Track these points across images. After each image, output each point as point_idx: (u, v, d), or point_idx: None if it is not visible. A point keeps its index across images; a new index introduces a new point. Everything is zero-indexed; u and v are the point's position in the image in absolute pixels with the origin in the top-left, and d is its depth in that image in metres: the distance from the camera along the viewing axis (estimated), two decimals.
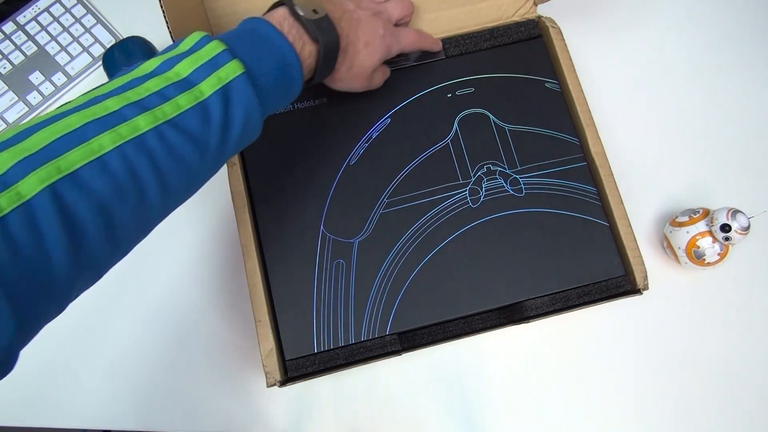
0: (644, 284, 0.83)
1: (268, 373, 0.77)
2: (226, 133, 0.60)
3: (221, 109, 0.59)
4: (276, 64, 0.65)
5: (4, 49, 1.02)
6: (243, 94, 0.61)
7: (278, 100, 0.67)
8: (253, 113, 0.62)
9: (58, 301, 0.52)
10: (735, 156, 0.99)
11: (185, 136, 0.57)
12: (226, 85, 0.60)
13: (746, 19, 1.07)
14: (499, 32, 0.92)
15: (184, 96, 0.58)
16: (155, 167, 0.55)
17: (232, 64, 0.61)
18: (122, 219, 0.53)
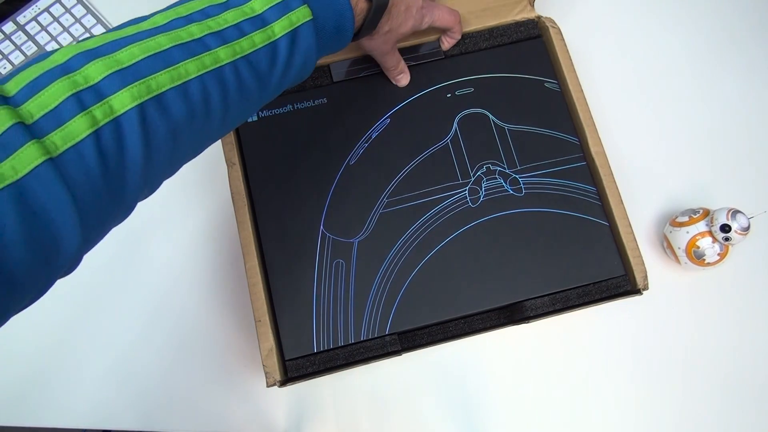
0: (644, 284, 0.82)
1: (267, 373, 0.77)
2: (285, 75, 0.63)
3: (287, 52, 0.62)
4: (335, 15, 0.67)
5: (4, 49, 1.02)
6: (308, 41, 0.63)
7: (331, 48, 0.70)
8: (310, 59, 0.65)
9: (123, 212, 0.54)
10: (735, 156, 0.99)
11: (255, 74, 0.59)
12: (295, 29, 0.62)
13: (746, 19, 1.07)
14: (499, 32, 0.92)
15: (259, 34, 0.60)
16: (225, 99, 0.57)
17: (303, 9, 0.63)
18: (186, 142, 0.56)
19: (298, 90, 0.89)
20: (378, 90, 0.88)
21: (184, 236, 0.94)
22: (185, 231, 0.94)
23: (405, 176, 0.86)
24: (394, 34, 0.81)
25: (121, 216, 0.54)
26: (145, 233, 0.94)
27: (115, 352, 0.90)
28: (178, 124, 0.53)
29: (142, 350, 0.90)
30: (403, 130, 0.88)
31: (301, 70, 0.65)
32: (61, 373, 0.89)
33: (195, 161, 0.97)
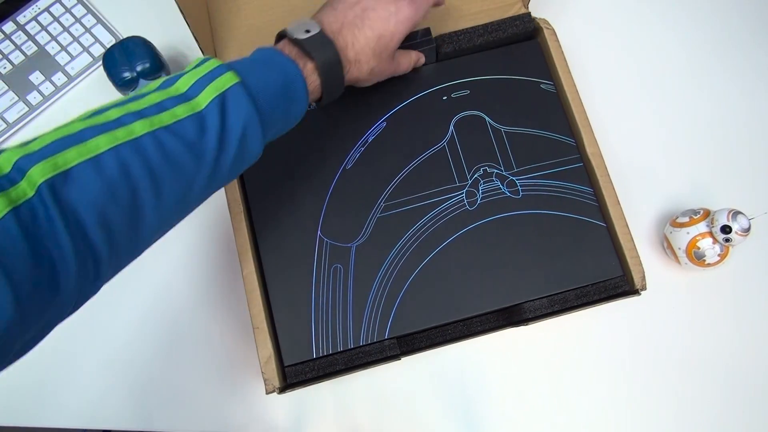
0: (642, 284, 0.82)
1: (267, 380, 0.78)
2: (223, 144, 0.61)
3: (218, 118, 0.60)
4: (276, 78, 0.66)
5: (4, 49, 1.03)
6: (239, 104, 0.61)
7: (280, 115, 0.67)
8: (251, 125, 0.62)
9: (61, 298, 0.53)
10: (736, 157, 0.99)
11: (181, 142, 0.58)
12: (222, 94, 0.61)
13: (746, 19, 1.06)
14: (494, 27, 0.92)
15: (182, 106, 0.59)
16: (149, 169, 0.55)
17: (228, 74, 0.62)
18: (116, 220, 0.54)
19: None
20: (374, 93, 0.88)
21: (181, 244, 0.94)
22: (182, 239, 0.94)
23: (402, 180, 0.86)
24: (382, 62, 0.80)
25: (60, 304, 0.53)
26: None
27: (113, 355, 0.91)
28: (98, 198, 0.52)
29: (141, 359, 0.91)
30: (400, 133, 0.88)
31: (244, 139, 0.62)
32: (61, 374, 0.90)
33: None
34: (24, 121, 1.00)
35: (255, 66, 0.66)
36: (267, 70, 0.66)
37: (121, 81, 0.90)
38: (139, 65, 0.90)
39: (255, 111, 0.62)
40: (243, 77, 0.63)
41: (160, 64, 0.92)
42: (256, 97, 0.63)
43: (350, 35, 0.74)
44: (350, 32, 0.74)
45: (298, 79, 0.68)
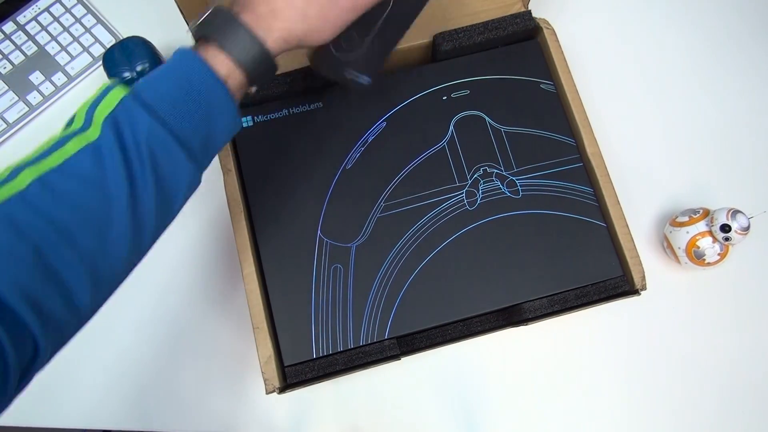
0: (642, 284, 0.82)
1: (267, 380, 0.78)
2: (129, 166, 0.54)
3: (113, 139, 0.54)
4: (175, 77, 0.59)
5: (4, 49, 1.03)
6: (132, 117, 0.55)
7: (200, 118, 0.59)
8: (156, 136, 0.56)
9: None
10: (735, 156, 0.99)
11: (76, 179, 0.53)
12: (112, 113, 0.55)
13: (745, 18, 1.07)
14: (494, 25, 0.91)
15: (74, 140, 0.54)
16: (47, 219, 0.51)
17: (115, 90, 0.56)
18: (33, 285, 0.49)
19: (293, 94, 0.89)
20: (374, 93, 0.88)
21: (181, 244, 0.94)
22: (182, 239, 0.95)
23: (402, 180, 0.86)
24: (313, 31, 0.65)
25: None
26: None
27: (114, 355, 0.91)
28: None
29: (141, 358, 0.91)
30: (400, 133, 0.88)
31: (154, 156, 0.55)
32: (61, 374, 0.90)
33: None
34: (24, 121, 1.00)
35: (153, 73, 0.59)
36: (164, 73, 0.59)
37: (121, 81, 0.90)
38: (139, 65, 0.90)
39: (156, 121, 0.55)
40: (136, 89, 0.57)
41: (160, 64, 0.92)
42: (154, 105, 0.56)
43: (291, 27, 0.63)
44: None
45: (201, 68, 0.59)
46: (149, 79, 0.58)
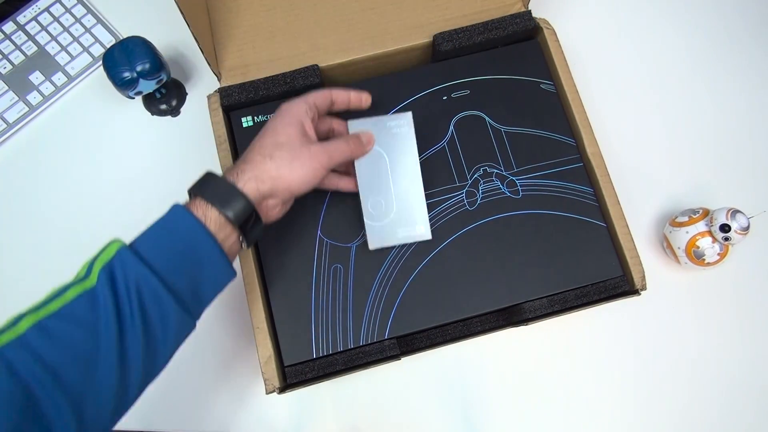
0: (642, 284, 0.82)
1: (267, 380, 0.78)
2: (120, 311, 0.60)
3: (108, 287, 0.59)
4: (171, 232, 0.66)
5: (4, 49, 1.03)
6: (126, 266, 0.61)
7: (189, 269, 0.65)
8: (146, 285, 0.61)
9: None
10: (735, 156, 0.99)
11: (71, 323, 0.58)
12: (109, 263, 0.61)
13: (746, 19, 1.07)
14: (494, 25, 0.92)
15: (74, 288, 0.60)
16: (40, 361, 0.55)
17: (113, 244, 0.63)
18: (16, 422, 0.53)
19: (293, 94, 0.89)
20: (374, 93, 0.88)
21: None
22: None
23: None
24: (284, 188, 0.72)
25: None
26: None
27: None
28: None
29: None
30: None
31: (144, 304, 0.61)
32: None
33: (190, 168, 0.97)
34: (24, 121, 1.00)
35: (150, 228, 0.66)
36: (157, 226, 0.66)
37: (121, 81, 0.90)
38: (139, 65, 0.90)
39: (148, 270, 0.61)
40: (133, 242, 0.64)
41: (160, 64, 0.92)
42: (148, 257, 0.62)
43: (270, 177, 0.71)
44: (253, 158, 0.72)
45: (188, 220, 0.66)
46: (145, 232, 0.66)
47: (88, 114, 1.02)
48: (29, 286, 0.94)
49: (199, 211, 0.66)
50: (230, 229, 0.68)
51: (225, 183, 0.68)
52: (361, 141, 0.79)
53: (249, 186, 0.69)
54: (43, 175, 0.99)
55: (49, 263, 0.95)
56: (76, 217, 0.97)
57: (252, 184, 0.69)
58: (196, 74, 1.04)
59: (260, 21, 0.93)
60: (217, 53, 0.91)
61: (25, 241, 0.96)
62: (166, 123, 1.01)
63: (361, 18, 0.93)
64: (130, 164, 0.99)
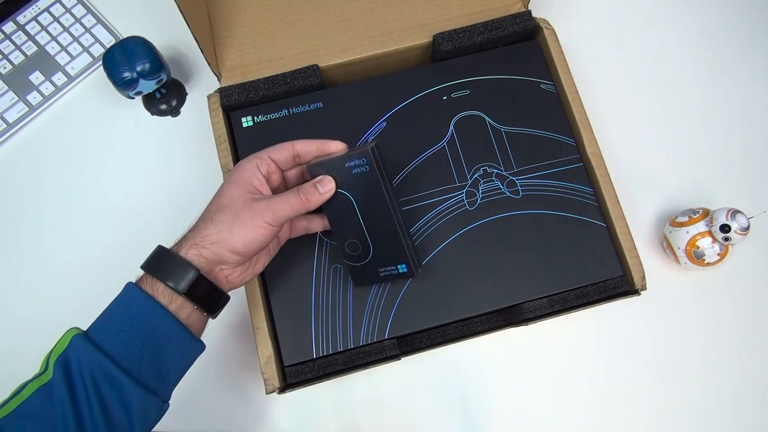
0: (642, 284, 0.82)
1: (267, 380, 0.78)
2: (75, 401, 0.59)
3: (62, 378, 0.59)
4: (119, 309, 0.65)
5: (4, 49, 1.03)
6: (78, 354, 0.60)
7: (151, 350, 0.64)
8: (100, 370, 0.60)
9: None
10: (735, 156, 0.99)
11: (27, 422, 0.57)
12: (63, 353, 0.61)
13: (745, 19, 1.07)
14: (494, 25, 0.92)
15: (31, 384, 0.60)
16: None
17: (67, 333, 0.63)
18: None
19: (293, 94, 0.89)
20: (374, 93, 0.88)
21: None
22: None
23: (402, 180, 0.86)
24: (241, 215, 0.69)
25: None
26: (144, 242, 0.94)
27: None
28: None
29: None
30: (400, 133, 0.88)
31: (100, 385, 0.60)
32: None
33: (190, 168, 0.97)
34: (24, 121, 1.00)
35: (105, 311, 0.65)
36: (111, 308, 0.65)
37: (121, 81, 0.90)
38: (139, 65, 0.90)
39: (102, 355, 0.60)
40: (89, 328, 0.64)
41: (160, 64, 0.92)
42: (102, 341, 0.62)
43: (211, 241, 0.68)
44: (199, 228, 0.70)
45: (140, 298, 0.64)
46: (100, 315, 0.65)
47: (88, 114, 1.02)
48: (29, 286, 0.94)
49: (147, 287, 0.65)
50: (181, 301, 0.66)
51: (169, 254, 0.67)
52: (316, 189, 0.72)
53: (191, 253, 0.67)
54: (43, 176, 0.99)
55: (48, 263, 0.95)
56: (76, 218, 0.97)
57: (193, 251, 0.67)
58: (196, 74, 1.04)
59: (260, 21, 0.93)
60: (217, 53, 0.91)
61: (25, 241, 0.96)
62: (166, 123, 1.01)
63: (361, 18, 0.93)
64: (130, 164, 0.99)
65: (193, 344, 0.67)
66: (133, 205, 0.96)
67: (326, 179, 0.73)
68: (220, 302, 0.70)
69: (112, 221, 0.96)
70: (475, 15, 0.92)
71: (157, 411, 0.66)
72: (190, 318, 0.67)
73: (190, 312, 0.67)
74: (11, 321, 0.93)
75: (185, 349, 0.67)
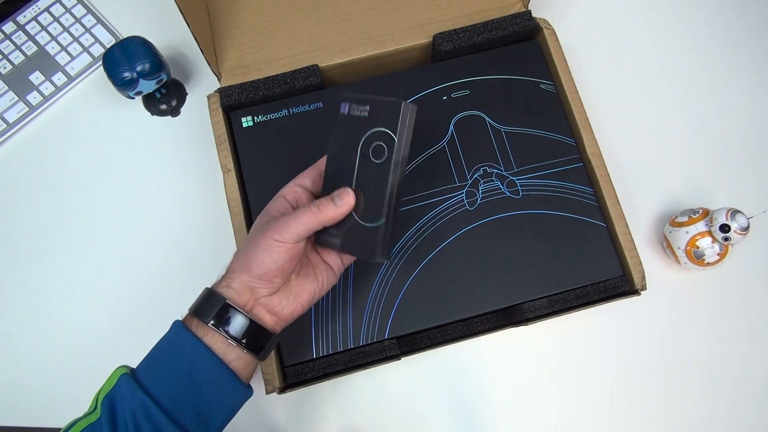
0: (642, 284, 0.82)
1: (267, 380, 0.78)
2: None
3: (108, 417, 0.60)
4: (171, 356, 0.64)
5: (4, 49, 1.03)
6: (124, 395, 0.61)
7: (193, 394, 0.63)
8: (143, 412, 0.60)
9: None
10: (735, 156, 0.99)
11: None
12: (110, 392, 0.62)
13: (745, 19, 1.07)
14: (494, 25, 0.92)
15: (80, 423, 0.61)
16: None
17: (116, 371, 0.63)
18: None
19: (293, 94, 0.90)
20: (374, 93, 0.87)
21: (181, 244, 0.94)
22: (181, 239, 0.95)
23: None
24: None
25: None
26: (144, 242, 0.95)
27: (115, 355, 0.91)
28: None
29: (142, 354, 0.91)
30: None
31: (141, 426, 0.59)
32: (62, 374, 0.90)
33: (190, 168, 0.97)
34: (24, 121, 1.00)
35: (152, 351, 0.66)
36: (162, 350, 0.65)
37: (121, 81, 0.90)
38: (139, 65, 0.90)
39: (146, 396, 0.60)
40: (137, 368, 0.64)
41: (160, 64, 0.92)
42: (148, 383, 0.62)
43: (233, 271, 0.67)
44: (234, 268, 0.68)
45: (187, 339, 0.64)
46: (147, 355, 0.65)
47: (88, 114, 1.02)
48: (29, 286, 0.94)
49: (194, 327, 0.65)
50: (222, 339, 0.64)
51: (210, 294, 0.67)
52: (332, 202, 0.67)
53: (221, 287, 0.67)
54: (43, 176, 0.99)
55: (48, 263, 0.95)
56: (75, 218, 0.96)
57: (223, 284, 0.67)
58: (196, 74, 1.04)
59: (260, 21, 0.93)
60: (217, 53, 0.91)
61: (25, 240, 0.96)
62: (166, 123, 1.01)
63: (361, 18, 0.93)
64: (130, 164, 0.99)
65: (237, 388, 0.66)
66: (133, 205, 0.96)
67: (345, 192, 0.68)
68: (263, 339, 0.67)
69: (111, 221, 0.96)
70: (475, 15, 0.92)
71: None
72: (228, 355, 0.64)
73: (227, 348, 0.65)
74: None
75: (229, 393, 0.65)
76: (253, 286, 0.66)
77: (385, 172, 0.67)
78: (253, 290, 0.66)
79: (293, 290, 0.69)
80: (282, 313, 0.68)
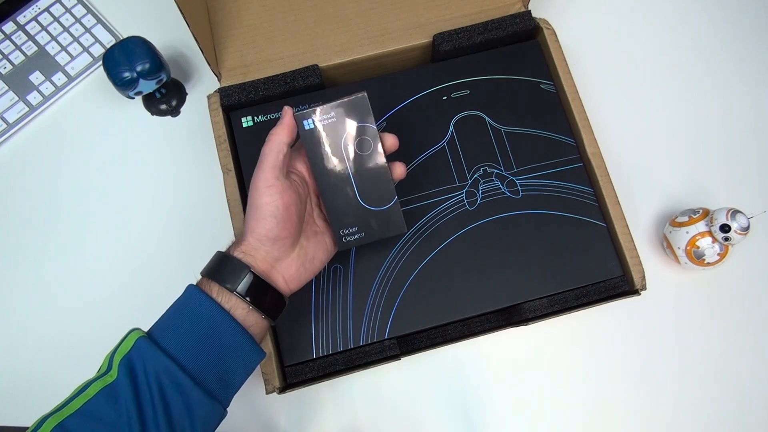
0: (642, 284, 0.82)
1: (267, 380, 0.78)
2: (140, 403, 0.59)
3: (127, 379, 0.59)
4: (182, 313, 0.65)
5: (4, 49, 1.03)
6: (145, 357, 0.61)
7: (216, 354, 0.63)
8: (166, 373, 0.60)
9: None
10: (735, 156, 0.99)
11: (92, 421, 0.58)
12: (127, 355, 0.61)
13: (745, 20, 1.07)
14: (494, 25, 0.92)
15: (95, 384, 0.60)
16: None
17: (132, 334, 0.63)
18: None
19: (293, 94, 0.90)
20: (374, 93, 0.87)
21: (181, 244, 0.94)
22: (181, 239, 0.95)
23: (401, 180, 0.85)
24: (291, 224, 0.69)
25: None
26: (144, 241, 0.95)
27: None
28: None
29: None
30: (400, 133, 0.86)
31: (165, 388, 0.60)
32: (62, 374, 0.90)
33: (190, 168, 0.97)
34: (24, 121, 1.00)
35: (166, 312, 0.66)
36: (173, 311, 0.66)
37: (121, 81, 0.90)
38: (139, 65, 0.90)
39: (168, 359, 0.60)
40: (151, 330, 0.64)
41: (160, 64, 0.92)
42: (167, 345, 0.62)
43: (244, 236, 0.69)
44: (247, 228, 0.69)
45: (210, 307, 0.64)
46: (162, 318, 0.65)
47: (88, 114, 1.02)
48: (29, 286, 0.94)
49: (206, 288, 0.66)
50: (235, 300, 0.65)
51: (223, 257, 0.68)
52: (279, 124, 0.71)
53: (236, 252, 0.67)
54: (43, 176, 0.99)
55: (48, 263, 0.95)
56: (75, 218, 0.96)
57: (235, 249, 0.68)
58: (196, 74, 1.04)
59: (260, 21, 0.93)
60: (217, 53, 0.91)
61: (25, 240, 0.96)
62: (166, 123, 1.01)
63: (361, 18, 0.93)
64: (130, 164, 0.99)
65: (257, 352, 0.67)
66: (133, 205, 0.96)
67: (284, 110, 0.72)
68: (280, 305, 0.69)
69: (112, 221, 0.96)
70: (475, 15, 0.92)
71: (218, 418, 0.65)
72: (247, 320, 0.66)
73: (247, 313, 0.66)
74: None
75: (248, 357, 0.66)
76: (266, 249, 0.68)
77: (379, 156, 0.73)
78: (267, 254, 0.68)
79: (308, 255, 0.72)
80: (299, 280, 0.71)
